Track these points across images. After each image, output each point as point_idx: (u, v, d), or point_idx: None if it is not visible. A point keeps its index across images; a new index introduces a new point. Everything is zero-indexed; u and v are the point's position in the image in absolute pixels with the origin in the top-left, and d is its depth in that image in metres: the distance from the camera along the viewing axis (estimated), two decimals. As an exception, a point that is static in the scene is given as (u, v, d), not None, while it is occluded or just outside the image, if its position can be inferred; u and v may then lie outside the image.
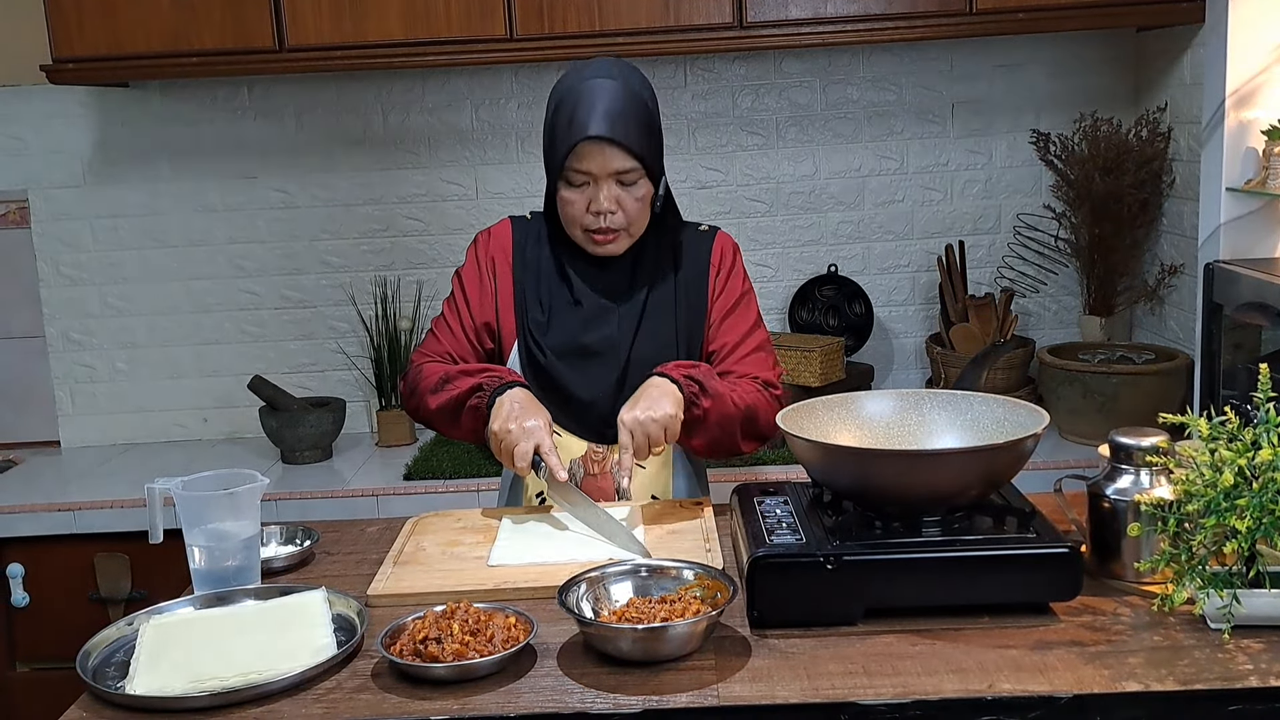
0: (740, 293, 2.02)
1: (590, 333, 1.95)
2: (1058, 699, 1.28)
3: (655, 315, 1.97)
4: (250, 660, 1.38)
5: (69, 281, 3.19)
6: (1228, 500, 1.38)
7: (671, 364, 1.88)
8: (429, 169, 3.15)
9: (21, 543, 2.74)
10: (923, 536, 1.50)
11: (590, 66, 1.90)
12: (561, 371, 1.95)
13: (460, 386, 1.89)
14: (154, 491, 1.66)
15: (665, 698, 1.31)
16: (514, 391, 1.85)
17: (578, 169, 1.85)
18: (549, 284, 1.98)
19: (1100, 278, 3.04)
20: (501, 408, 1.82)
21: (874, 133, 3.14)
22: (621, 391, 1.92)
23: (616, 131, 1.82)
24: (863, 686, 1.31)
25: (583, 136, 1.82)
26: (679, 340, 1.98)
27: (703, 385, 1.85)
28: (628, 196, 1.87)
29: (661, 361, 1.91)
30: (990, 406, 1.67)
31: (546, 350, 1.95)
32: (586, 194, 1.87)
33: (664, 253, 1.99)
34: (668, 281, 1.98)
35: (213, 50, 2.76)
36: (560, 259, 1.98)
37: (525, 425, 1.79)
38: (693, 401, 1.84)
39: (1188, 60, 2.77)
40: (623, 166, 1.85)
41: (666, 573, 1.53)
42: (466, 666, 1.35)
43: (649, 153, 1.87)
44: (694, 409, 1.84)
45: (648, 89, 1.92)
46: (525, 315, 1.97)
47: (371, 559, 1.77)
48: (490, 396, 1.85)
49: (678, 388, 1.83)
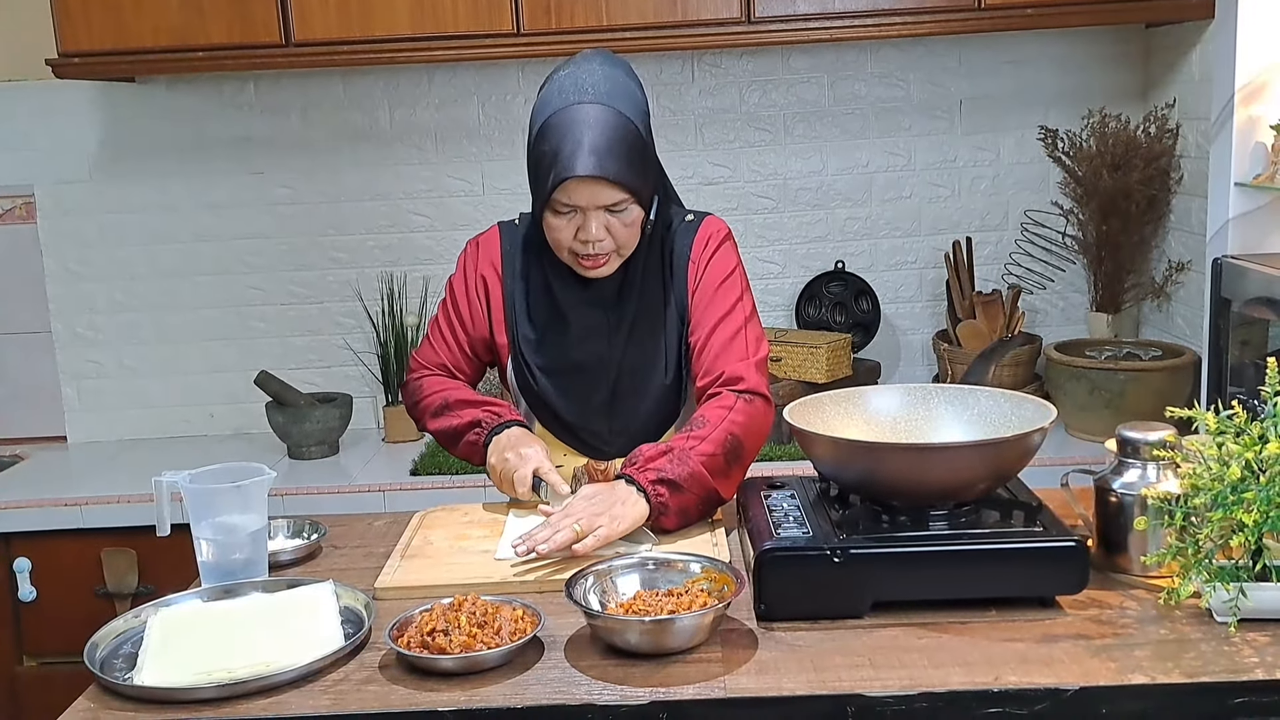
0: (721, 276, 1.90)
1: (579, 350, 1.90)
2: (1064, 691, 1.28)
3: (644, 324, 1.90)
4: (258, 652, 1.39)
5: (75, 277, 3.19)
6: (1235, 494, 1.38)
7: (641, 457, 1.75)
8: (435, 164, 3.16)
9: (29, 538, 2.75)
10: (930, 530, 1.50)
11: (572, 80, 1.78)
12: (552, 392, 1.92)
13: (460, 418, 1.92)
14: (161, 485, 1.66)
15: (672, 690, 1.31)
16: (511, 430, 1.88)
17: (565, 202, 1.77)
18: (537, 297, 1.93)
19: (1108, 274, 3.04)
20: (498, 444, 1.86)
21: (882, 129, 3.13)
22: (613, 404, 1.91)
23: (605, 169, 1.72)
24: (869, 679, 1.31)
25: (569, 176, 1.72)
26: (667, 347, 1.91)
27: (675, 484, 1.72)
28: (618, 223, 1.79)
29: (650, 371, 1.88)
30: (997, 401, 1.66)
31: (536, 371, 1.93)
32: (574, 222, 1.78)
33: (652, 254, 1.90)
34: (656, 285, 1.91)
35: (219, 45, 2.77)
36: (546, 273, 1.91)
37: (523, 452, 1.82)
38: (661, 510, 1.72)
39: (1196, 56, 2.76)
40: (612, 200, 1.76)
41: (673, 566, 1.53)
42: (474, 658, 1.35)
43: (639, 182, 1.78)
44: (663, 514, 1.73)
45: (636, 105, 1.81)
46: (516, 331, 1.94)
47: (379, 552, 1.78)
48: (487, 436, 1.88)
49: (645, 498, 1.71)
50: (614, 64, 1.84)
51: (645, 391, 1.91)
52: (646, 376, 1.90)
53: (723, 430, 1.77)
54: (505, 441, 1.86)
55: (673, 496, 1.72)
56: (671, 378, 1.91)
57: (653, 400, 1.91)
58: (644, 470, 1.74)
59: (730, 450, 1.77)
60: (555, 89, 1.80)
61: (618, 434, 1.92)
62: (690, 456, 1.74)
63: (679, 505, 1.73)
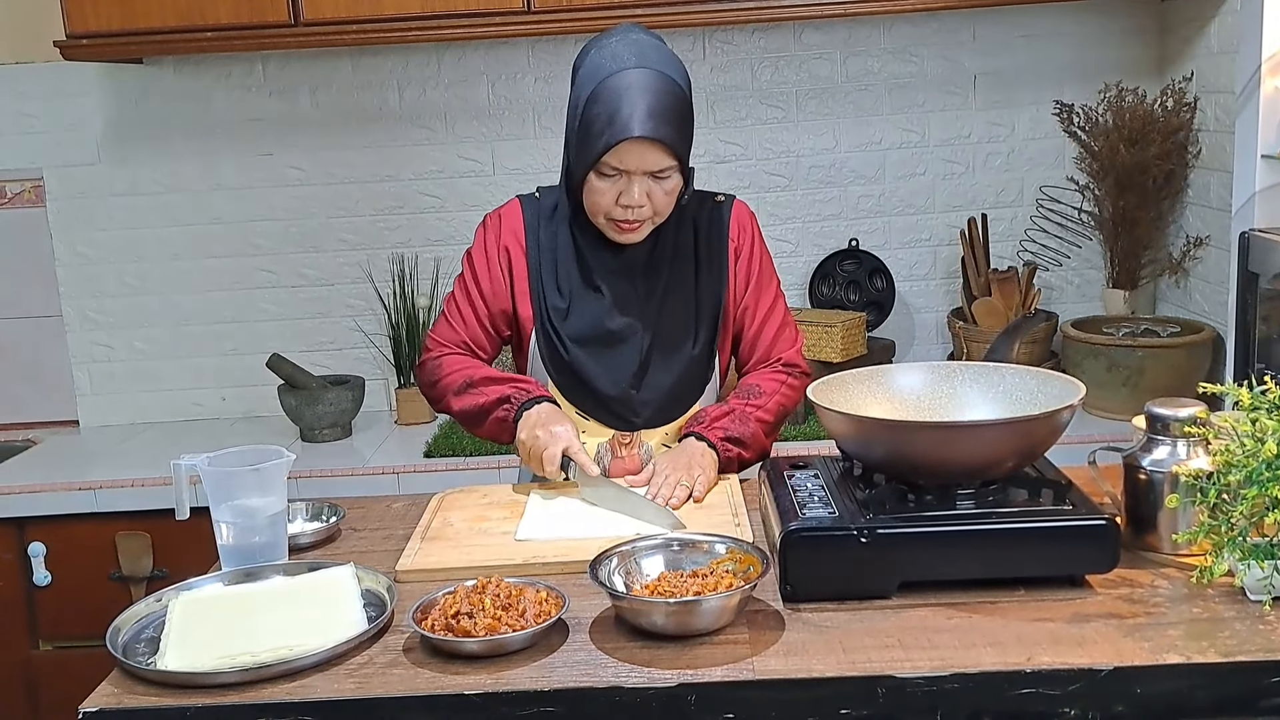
0: (762, 266, 2.02)
1: (613, 318, 1.93)
2: (1098, 671, 1.26)
3: (675, 294, 1.95)
4: (281, 636, 1.37)
5: (85, 260, 3.17)
6: (1270, 470, 1.36)
7: (708, 418, 1.92)
8: (445, 145, 3.13)
9: (43, 522, 2.74)
10: (957, 509, 1.48)
11: (623, 46, 1.82)
12: (583, 361, 1.93)
13: (487, 395, 1.92)
14: (179, 468, 1.65)
15: (700, 671, 1.30)
16: (541, 406, 1.89)
17: (614, 165, 1.81)
18: (566, 268, 1.95)
19: (1124, 250, 3.01)
20: (529, 420, 1.87)
21: (895, 105, 3.10)
22: (644, 377, 1.94)
23: (661, 133, 1.77)
24: (899, 660, 1.30)
25: (626, 136, 1.76)
26: (699, 318, 1.96)
27: (740, 441, 1.91)
28: (658, 189, 1.84)
29: (680, 341, 1.94)
30: (1023, 378, 1.64)
31: (567, 340, 1.94)
32: (618, 185, 1.82)
33: (682, 229, 1.96)
34: (686, 258, 1.96)
35: (227, 25, 2.74)
36: (577, 241, 1.95)
37: (553, 430, 1.84)
38: (727, 464, 1.91)
39: (1215, 29, 2.73)
40: (660, 165, 1.81)
41: (698, 547, 1.51)
42: (499, 641, 1.34)
43: (686, 150, 1.84)
44: (729, 463, 1.91)
45: (684, 74, 1.86)
46: (544, 302, 1.95)
47: (398, 535, 1.76)
48: (518, 411, 1.89)
49: (715, 453, 1.89)
50: (655, 35, 1.89)
51: (674, 361, 1.95)
52: (676, 346, 1.94)
53: (776, 400, 1.97)
54: (535, 418, 1.86)
55: (738, 451, 1.91)
56: (700, 349, 1.95)
57: (681, 370, 1.95)
58: (711, 428, 1.90)
59: (780, 418, 1.99)
60: (605, 55, 1.82)
61: (645, 404, 1.95)
62: (750, 419, 1.92)
63: (740, 459, 1.92)
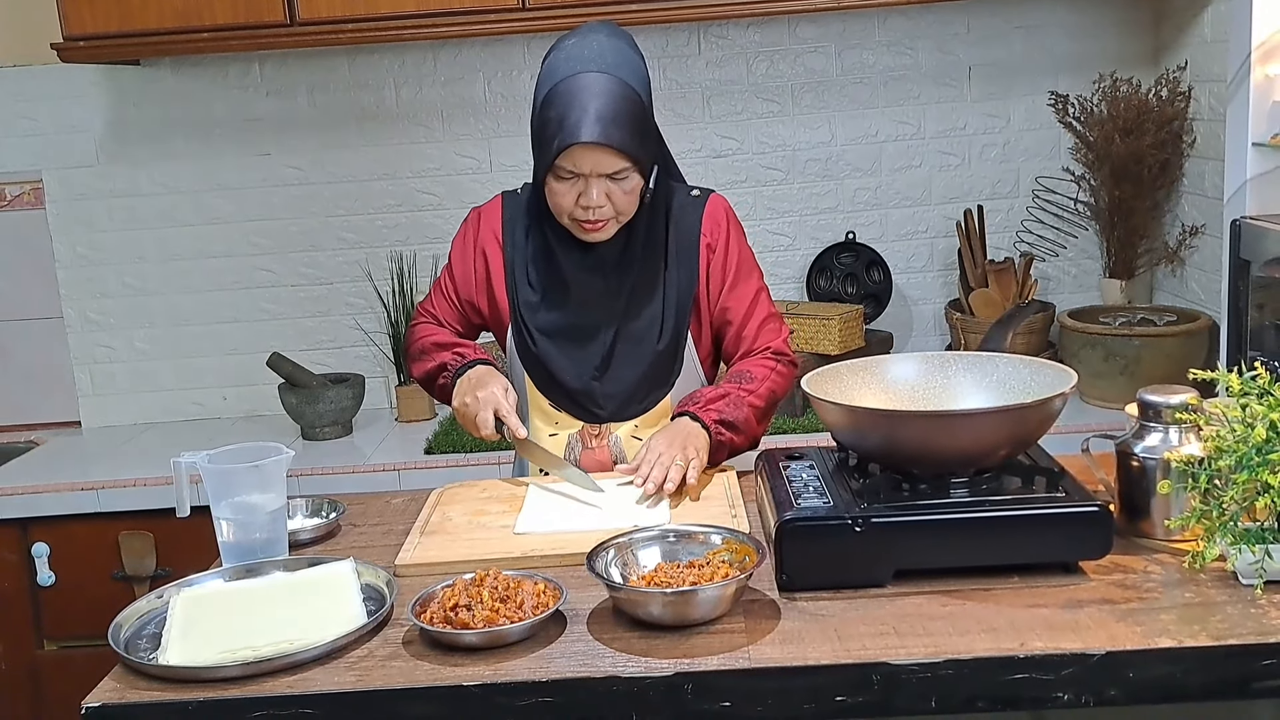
0: (740, 260, 2.00)
1: (579, 313, 1.95)
2: (1090, 656, 1.27)
3: (643, 289, 1.96)
4: (282, 630, 1.39)
5: (85, 262, 3.19)
6: (1260, 455, 1.37)
7: (702, 399, 1.91)
8: (443, 142, 3.14)
9: (46, 522, 2.75)
10: (951, 498, 1.49)
11: (580, 48, 1.83)
12: (551, 354, 1.97)
13: (433, 361, 2.02)
14: (180, 466, 1.66)
15: (697, 660, 1.31)
16: (474, 369, 1.93)
17: (569, 168, 1.82)
18: (539, 264, 1.98)
19: (1120, 240, 3.02)
20: (461, 386, 1.92)
21: (890, 97, 3.11)
22: (607, 370, 1.96)
23: (610, 136, 1.77)
24: (894, 647, 1.31)
25: (574, 142, 1.77)
26: (664, 314, 1.97)
27: (733, 425, 1.91)
28: (617, 190, 1.84)
29: (645, 335, 1.95)
30: (1016, 367, 1.65)
31: (535, 334, 1.97)
32: (576, 187, 1.83)
33: (655, 224, 1.96)
34: (657, 254, 1.97)
35: (224, 26, 2.75)
36: (548, 238, 1.96)
37: (479, 395, 1.88)
38: (718, 446, 1.90)
39: (1208, 18, 2.73)
40: (615, 168, 1.81)
41: (694, 538, 1.52)
42: (498, 633, 1.35)
43: (641, 151, 1.83)
44: (720, 447, 1.90)
45: (640, 75, 1.86)
46: (517, 296, 1.98)
47: (398, 530, 1.78)
48: (453, 377, 1.95)
49: (708, 434, 1.87)
50: (618, 35, 1.89)
51: (639, 356, 1.97)
52: (641, 342, 1.96)
53: (767, 386, 1.97)
54: (466, 384, 1.92)
55: (729, 436, 1.90)
56: (665, 343, 1.97)
57: (646, 365, 1.97)
58: (705, 410, 1.90)
59: (770, 404, 1.99)
60: (561, 58, 1.84)
61: (610, 397, 1.98)
62: (743, 403, 1.93)
63: (731, 444, 1.92)
